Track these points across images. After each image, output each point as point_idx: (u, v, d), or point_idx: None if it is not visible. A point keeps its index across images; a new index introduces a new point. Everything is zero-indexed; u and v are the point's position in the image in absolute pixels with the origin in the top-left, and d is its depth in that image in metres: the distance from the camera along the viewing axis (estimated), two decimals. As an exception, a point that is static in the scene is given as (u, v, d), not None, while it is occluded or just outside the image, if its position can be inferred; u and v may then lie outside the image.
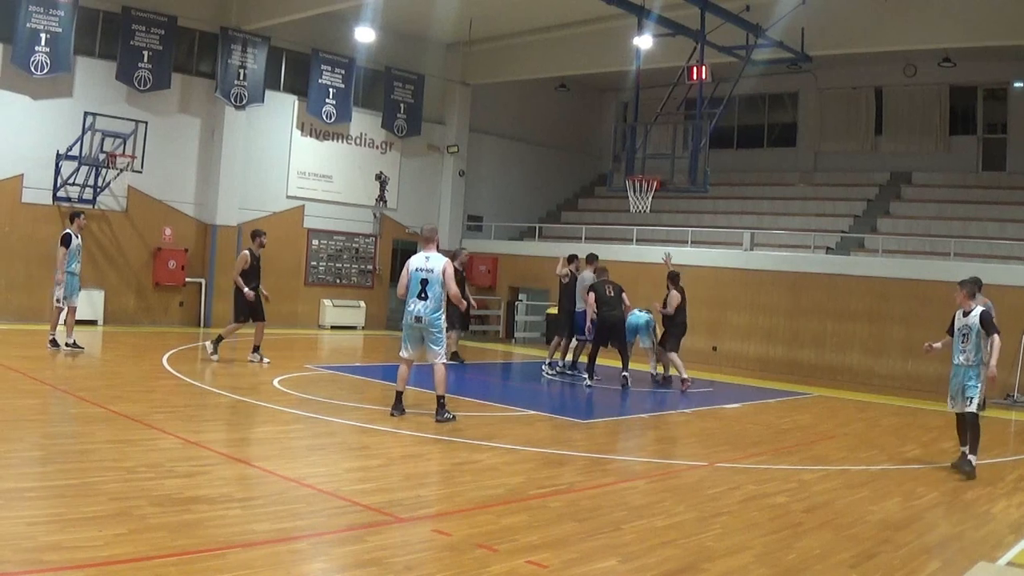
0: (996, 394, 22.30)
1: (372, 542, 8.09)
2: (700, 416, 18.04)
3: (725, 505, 10.48)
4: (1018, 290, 22.91)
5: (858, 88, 33.84)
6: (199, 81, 28.48)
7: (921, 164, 32.33)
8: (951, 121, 32.41)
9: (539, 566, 7.72)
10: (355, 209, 32.17)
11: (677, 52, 24.03)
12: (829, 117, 34.83)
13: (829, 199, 32.60)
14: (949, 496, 11.66)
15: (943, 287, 23.00)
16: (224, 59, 28.16)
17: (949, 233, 26.96)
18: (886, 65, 32.03)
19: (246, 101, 28.65)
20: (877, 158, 33.51)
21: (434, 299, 14.19)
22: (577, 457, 12.88)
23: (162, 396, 15.40)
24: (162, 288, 27.46)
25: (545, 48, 32.01)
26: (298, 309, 30.26)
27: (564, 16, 29.88)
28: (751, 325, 27.76)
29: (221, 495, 9.28)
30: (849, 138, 34.26)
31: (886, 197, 31.63)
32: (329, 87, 30.86)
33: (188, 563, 7.11)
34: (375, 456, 11.93)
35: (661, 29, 22.87)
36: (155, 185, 27.34)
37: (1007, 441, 17.92)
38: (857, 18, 24.97)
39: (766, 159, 36.27)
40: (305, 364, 20.70)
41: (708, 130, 21.78)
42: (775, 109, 36.97)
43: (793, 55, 24.75)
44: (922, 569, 8.43)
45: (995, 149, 31.59)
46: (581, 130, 40.35)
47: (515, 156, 37.80)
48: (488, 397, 18.28)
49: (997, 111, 31.87)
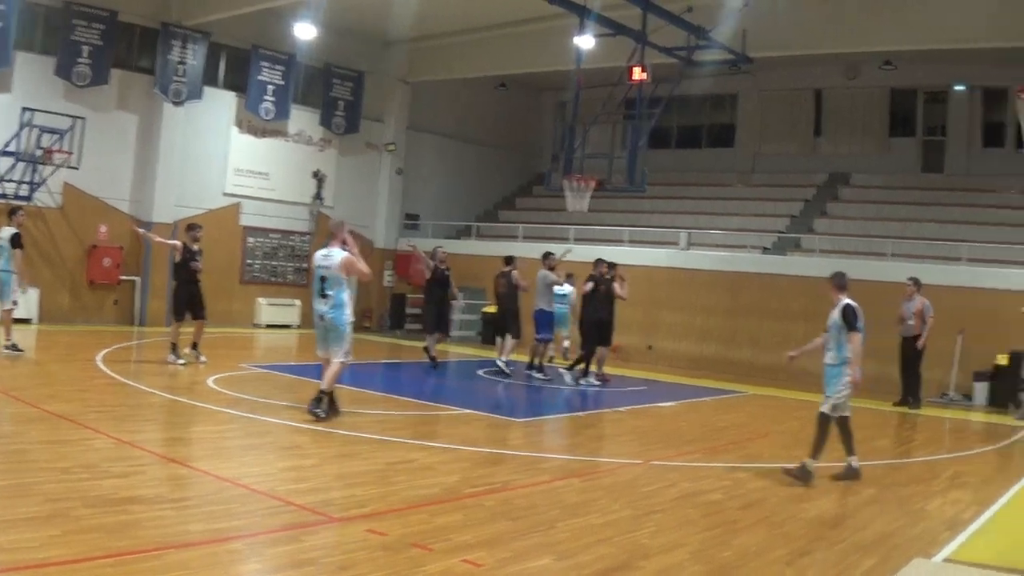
0: (932, 393, 22.55)
1: (307, 542, 8.02)
2: (635, 414, 18.06)
3: (660, 503, 10.45)
4: (955, 290, 23.10)
5: (798, 90, 34.04)
6: (138, 77, 28.04)
7: (860, 165, 32.58)
8: (891, 123, 32.75)
9: (474, 565, 7.66)
10: (292, 207, 31.87)
11: (618, 52, 23.95)
12: (769, 118, 34.99)
13: (766, 199, 32.75)
14: (884, 493, 11.67)
15: (881, 287, 23.23)
16: (164, 55, 27.76)
17: (887, 233, 27.12)
18: (827, 67, 32.25)
19: (184, 97, 28.26)
20: (816, 159, 33.73)
21: (334, 297, 13.89)
22: (512, 456, 12.83)
23: (96, 396, 15.17)
24: (97, 286, 27.01)
25: (485, 47, 31.90)
26: (233, 307, 29.93)
27: (505, 15, 29.73)
28: (687, 324, 27.82)
29: (156, 495, 9.18)
30: (788, 139, 34.44)
31: (823, 198, 31.84)
32: (268, 84, 30.58)
33: (125, 564, 7.01)
34: (309, 455, 11.81)
35: (602, 29, 22.81)
36: (91, 182, 26.91)
37: (942, 439, 18.08)
38: (799, 21, 25.03)
39: (704, 160, 36.36)
40: (240, 363, 20.45)
41: (647, 130, 21.88)
42: (714, 110, 37.08)
43: (734, 57, 24.78)
44: (857, 566, 8.41)
45: (935, 151, 31.90)
46: (520, 129, 40.26)
47: (453, 155, 37.66)
48: (423, 396, 18.19)
49: (937, 114, 32.19)
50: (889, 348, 22.27)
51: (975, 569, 8.48)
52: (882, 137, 32.60)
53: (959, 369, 23.12)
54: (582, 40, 23.03)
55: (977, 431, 19.49)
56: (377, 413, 15.38)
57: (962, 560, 8.78)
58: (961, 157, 31.07)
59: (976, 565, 8.60)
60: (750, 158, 35.36)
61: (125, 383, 16.59)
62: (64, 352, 21.09)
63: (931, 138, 32.18)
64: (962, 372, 23.08)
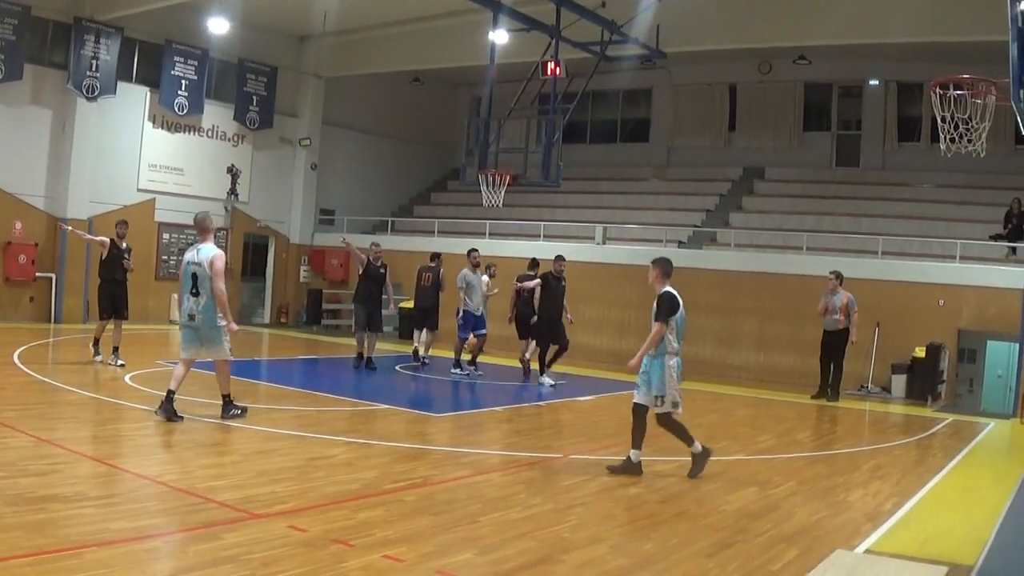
0: (851, 386, 22.74)
1: (228, 539, 7.92)
2: (554, 408, 18.10)
3: (580, 496, 10.43)
4: (871, 283, 23.32)
5: (713, 84, 34.19)
6: (51, 72, 27.54)
7: (775, 160, 32.76)
8: (805, 118, 32.95)
9: (396, 560, 7.64)
10: (206, 203, 31.25)
11: (532, 47, 23.92)
12: (683, 113, 35.16)
13: (682, 194, 32.87)
14: (805, 485, 11.74)
15: (795, 280, 23.45)
16: (77, 50, 27.25)
17: (802, 227, 27.31)
18: (741, 62, 32.40)
19: (98, 93, 27.79)
20: (730, 154, 33.90)
21: (206, 295, 13.32)
22: (431, 451, 12.76)
23: (13, 393, 14.97)
24: (12, 283, 26.51)
25: (399, 42, 31.77)
26: (149, 303, 29.48)
27: (419, 10, 29.64)
28: (604, 318, 27.83)
29: (75, 493, 9.06)
30: (703, 134, 34.58)
31: (738, 192, 32.01)
32: (181, 79, 30.14)
33: (44, 563, 6.96)
34: (228, 452, 11.73)
35: (516, 24, 22.78)
36: (5, 178, 26.44)
37: (862, 431, 18.24)
38: (713, 16, 25.14)
39: (619, 154, 36.37)
40: (157, 360, 20.16)
41: (561, 125, 21.78)
42: (629, 105, 37.17)
43: (648, 52, 24.83)
44: (780, 558, 8.42)
45: (849, 145, 32.20)
46: (435, 124, 40.11)
47: (368, 150, 37.48)
48: (341, 392, 18.02)
49: (852, 108, 32.49)
50: (807, 341, 22.46)
51: (896, 560, 8.52)
52: (796, 131, 32.79)
53: (876, 362, 23.31)
54: (496, 35, 22.99)
55: (896, 423, 19.73)
56: (295, 409, 15.25)
57: (883, 551, 8.83)
58: (876, 151, 31.38)
59: (897, 556, 8.64)
60: (665, 152, 35.49)
61: (43, 380, 16.42)
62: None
63: (846, 132, 32.50)
64: (880, 365, 23.29)
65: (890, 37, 23.74)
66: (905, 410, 21.14)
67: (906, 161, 30.60)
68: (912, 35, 23.21)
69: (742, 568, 8.10)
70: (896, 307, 23.25)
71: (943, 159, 14.38)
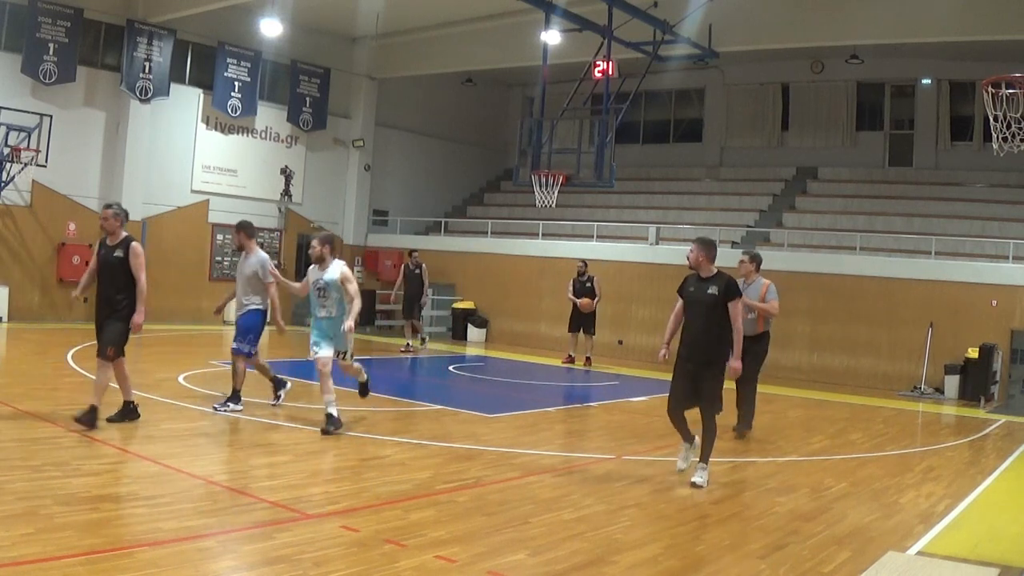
0: (904, 386, 22.62)
1: (280, 539, 7.96)
2: (607, 409, 18.07)
3: (633, 497, 10.42)
4: (924, 283, 23.24)
5: (765, 84, 34.07)
6: (104, 74, 27.84)
7: (827, 159, 32.58)
8: (858, 117, 32.75)
9: (448, 561, 7.64)
10: (260, 204, 31.69)
11: (584, 47, 23.96)
12: (736, 113, 35.04)
13: (735, 194, 32.77)
14: (858, 487, 11.68)
15: (848, 280, 23.29)
16: (130, 52, 27.54)
17: (855, 227, 27.16)
18: (793, 62, 32.29)
19: (151, 94, 28.04)
20: (783, 153, 33.75)
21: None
22: (484, 452, 12.74)
23: (68, 394, 15.03)
24: (67, 284, 26.61)
25: (452, 43, 31.87)
26: (203, 304, 29.67)
27: (471, 11, 29.76)
28: (657, 319, 27.68)
29: (128, 493, 9.17)
30: (755, 134, 34.48)
31: (792, 192, 31.85)
32: (235, 80, 30.40)
33: (96, 562, 6.98)
34: (282, 452, 11.73)
35: (568, 24, 22.82)
36: (59, 179, 26.70)
37: (915, 433, 18.09)
38: (765, 15, 25.11)
39: (672, 154, 36.33)
40: (209, 360, 20.33)
41: (614, 125, 21.75)
42: (682, 105, 37.11)
43: (700, 51, 24.80)
44: (831, 559, 8.41)
45: (902, 145, 31.97)
46: (487, 125, 40.19)
47: (421, 151, 37.55)
48: (394, 392, 18.08)
49: (904, 107, 32.25)
50: (860, 342, 22.36)
51: (948, 562, 8.51)
52: (849, 131, 32.61)
53: (930, 362, 23.19)
54: (548, 35, 23.01)
55: (949, 424, 19.56)
56: (349, 409, 15.31)
57: (936, 553, 8.80)
58: (929, 151, 31.13)
59: (949, 558, 8.62)
60: (718, 152, 35.39)
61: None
62: (35, 350, 20.87)
63: (898, 132, 32.27)
64: (933, 365, 23.15)
65: (941, 36, 23.62)
66: (958, 411, 20.99)
67: (959, 160, 30.34)
68: (963, 34, 23.04)
69: (794, 570, 8.09)
70: (949, 308, 23.11)
71: (996, 158, 14.32)
